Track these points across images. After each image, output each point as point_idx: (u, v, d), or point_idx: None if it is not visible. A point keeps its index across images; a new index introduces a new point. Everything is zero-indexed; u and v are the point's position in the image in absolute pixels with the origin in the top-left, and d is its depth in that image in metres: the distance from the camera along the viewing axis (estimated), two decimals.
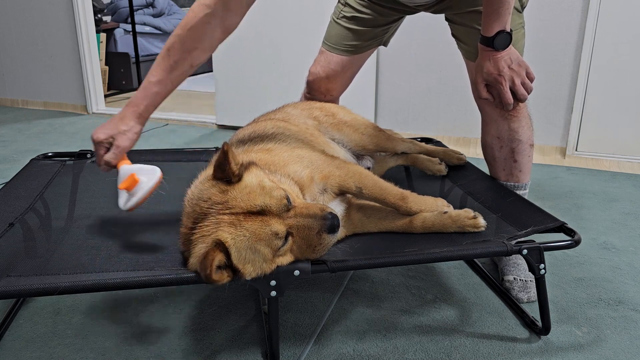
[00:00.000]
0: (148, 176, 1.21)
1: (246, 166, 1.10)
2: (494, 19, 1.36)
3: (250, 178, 1.07)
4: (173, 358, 1.26)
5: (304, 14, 3.22)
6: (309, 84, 1.85)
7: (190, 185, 1.20)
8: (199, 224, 1.04)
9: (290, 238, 1.05)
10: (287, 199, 1.05)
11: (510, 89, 1.45)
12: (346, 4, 1.74)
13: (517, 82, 1.44)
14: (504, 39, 1.38)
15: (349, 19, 1.73)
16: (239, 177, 1.07)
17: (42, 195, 1.54)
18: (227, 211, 1.02)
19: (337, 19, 1.76)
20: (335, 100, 1.89)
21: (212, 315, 1.43)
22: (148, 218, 1.41)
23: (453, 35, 1.65)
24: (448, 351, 1.27)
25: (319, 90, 1.83)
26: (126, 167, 1.25)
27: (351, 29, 1.73)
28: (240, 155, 1.24)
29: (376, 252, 1.19)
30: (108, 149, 1.27)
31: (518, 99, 1.46)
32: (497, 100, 1.49)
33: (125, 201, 1.22)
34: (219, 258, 0.98)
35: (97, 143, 1.26)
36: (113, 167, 1.27)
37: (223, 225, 1.01)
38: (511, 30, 1.39)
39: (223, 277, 1.00)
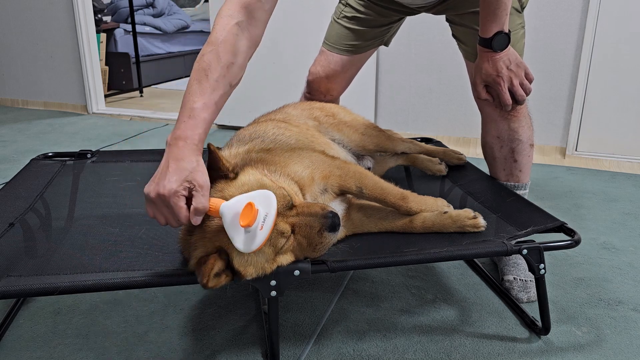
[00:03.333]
0: (264, 203, 0.98)
1: (242, 167, 1.10)
2: (491, 20, 1.36)
3: (247, 176, 1.07)
4: (173, 358, 1.26)
5: (304, 14, 3.22)
6: (309, 83, 1.85)
7: None
8: (199, 226, 1.04)
9: (291, 237, 1.05)
10: (289, 197, 1.05)
11: (509, 90, 1.45)
12: (347, 4, 1.74)
13: (516, 83, 1.44)
14: (502, 40, 1.38)
15: (349, 19, 1.73)
16: (235, 173, 1.07)
17: (42, 195, 1.54)
18: None
19: (338, 18, 1.76)
20: (335, 100, 1.89)
21: (212, 315, 1.43)
22: (148, 218, 1.41)
23: (453, 35, 1.65)
24: (448, 351, 1.27)
25: (319, 90, 1.83)
26: (231, 202, 0.98)
27: (352, 29, 1.73)
28: (240, 156, 1.24)
29: (376, 252, 1.19)
30: (186, 198, 1.01)
31: (516, 100, 1.47)
32: (497, 101, 1.49)
33: (246, 241, 0.97)
34: (218, 266, 0.98)
35: (172, 195, 0.98)
36: (204, 212, 1.01)
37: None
38: (509, 31, 1.39)
39: (220, 282, 1.00)
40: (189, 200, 1.00)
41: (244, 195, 0.99)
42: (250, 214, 0.95)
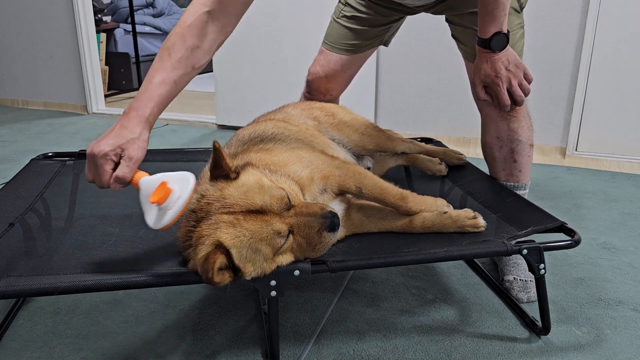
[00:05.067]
0: (180, 184, 1.01)
1: (243, 166, 1.10)
2: (490, 20, 1.36)
3: (248, 177, 1.07)
4: (173, 358, 1.26)
5: (304, 14, 3.22)
6: (309, 83, 1.85)
7: None
8: (198, 225, 1.04)
9: (290, 237, 1.05)
10: (288, 198, 1.05)
11: (508, 91, 1.45)
12: (346, 4, 1.74)
13: (514, 83, 1.44)
14: (500, 41, 1.38)
15: (349, 18, 1.73)
16: (236, 173, 1.07)
17: (42, 195, 1.54)
18: (226, 210, 1.02)
19: (338, 18, 1.77)
20: (335, 100, 1.89)
21: (212, 315, 1.43)
22: None
23: (453, 36, 1.65)
24: (448, 351, 1.27)
25: (319, 90, 1.83)
26: (150, 178, 1.04)
27: (351, 28, 1.73)
28: (240, 156, 1.24)
29: (376, 252, 1.19)
30: (115, 164, 1.06)
31: (515, 100, 1.46)
32: (496, 101, 1.49)
33: (156, 218, 1.01)
34: (220, 260, 0.98)
35: (101, 157, 1.03)
36: (128, 184, 1.07)
37: (222, 225, 1.00)
38: (508, 31, 1.39)
39: (225, 279, 1.00)
40: (117, 166, 1.05)
41: (163, 174, 1.03)
42: (161, 192, 0.98)
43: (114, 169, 1.06)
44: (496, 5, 1.33)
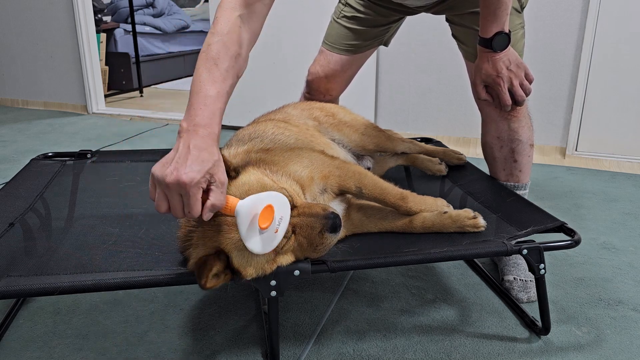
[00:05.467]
0: (277, 204, 0.97)
1: (243, 166, 1.10)
2: (492, 20, 1.36)
3: (248, 176, 1.07)
4: (173, 358, 1.26)
5: (304, 14, 3.22)
6: (309, 83, 1.85)
7: None
8: (199, 225, 1.04)
9: (292, 237, 1.05)
10: (290, 198, 1.05)
11: (509, 90, 1.45)
12: (347, 4, 1.74)
13: (516, 83, 1.44)
14: (502, 40, 1.38)
15: (349, 19, 1.73)
16: (236, 172, 1.07)
17: (42, 195, 1.54)
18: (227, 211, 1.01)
19: (338, 18, 1.77)
20: (334, 100, 1.89)
21: (212, 315, 1.43)
22: (148, 218, 1.41)
23: (453, 35, 1.65)
24: (448, 351, 1.27)
25: (319, 90, 1.83)
26: (248, 202, 0.96)
27: (351, 29, 1.73)
28: (240, 156, 1.24)
29: (376, 252, 1.19)
30: (204, 191, 0.95)
31: (516, 100, 1.46)
32: (496, 101, 1.49)
33: (263, 243, 0.97)
34: (217, 267, 0.98)
35: (194, 185, 0.92)
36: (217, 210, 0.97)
37: (224, 227, 1.00)
38: (510, 31, 1.39)
39: (219, 282, 1.00)
40: (204, 193, 0.95)
41: (260, 195, 0.97)
42: (270, 216, 0.93)
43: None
44: (499, 5, 1.33)
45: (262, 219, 0.93)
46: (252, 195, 0.98)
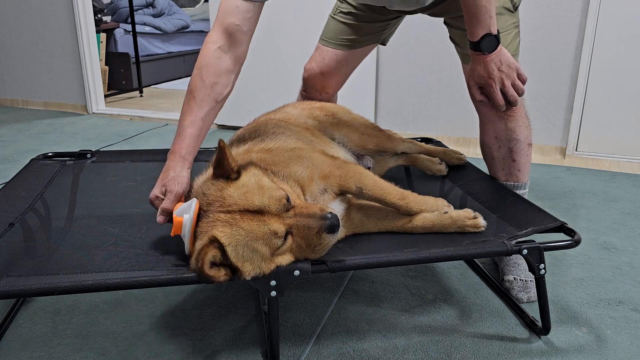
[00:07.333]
0: (187, 211, 1.13)
1: (244, 166, 1.10)
2: (475, 23, 1.36)
3: (248, 177, 1.08)
4: (173, 358, 1.26)
5: (304, 14, 3.22)
6: (304, 81, 1.85)
7: (190, 185, 1.21)
8: (199, 223, 1.05)
9: (290, 238, 1.05)
10: (287, 199, 1.05)
11: (501, 91, 1.45)
12: (344, 0, 1.74)
13: (507, 84, 1.44)
14: (490, 42, 1.38)
15: (345, 14, 1.73)
16: (238, 174, 1.07)
17: (42, 195, 1.54)
18: (224, 209, 1.03)
19: (334, 14, 1.77)
20: (331, 99, 1.88)
21: (212, 315, 1.43)
22: (148, 218, 1.41)
23: (450, 38, 1.66)
24: (448, 351, 1.27)
25: (315, 87, 1.83)
26: (175, 213, 1.16)
27: (347, 24, 1.73)
28: (240, 156, 1.24)
29: (376, 252, 1.19)
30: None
31: (508, 100, 1.47)
32: (491, 102, 1.49)
33: (185, 243, 1.15)
34: (212, 253, 1.00)
35: (154, 199, 1.24)
36: (170, 214, 1.19)
37: (218, 223, 1.02)
38: (498, 31, 1.39)
39: (219, 274, 1.01)
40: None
41: (181, 206, 1.15)
42: (175, 226, 1.11)
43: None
44: (478, 9, 1.34)
45: (173, 230, 1.12)
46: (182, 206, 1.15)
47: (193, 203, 1.09)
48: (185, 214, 1.10)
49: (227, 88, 1.33)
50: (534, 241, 1.21)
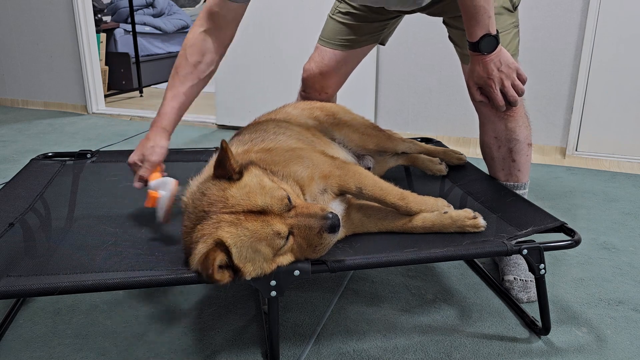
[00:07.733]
0: (164, 188, 1.30)
1: (246, 166, 1.10)
2: (474, 24, 1.36)
3: (250, 177, 1.07)
4: (173, 358, 1.26)
5: (304, 14, 3.22)
6: (304, 81, 1.85)
7: (190, 186, 1.20)
8: (200, 224, 1.04)
9: (291, 238, 1.05)
10: (288, 199, 1.05)
11: (501, 91, 1.45)
12: (342, 0, 1.74)
13: (507, 84, 1.44)
14: (489, 43, 1.38)
15: (343, 14, 1.73)
16: (240, 175, 1.07)
17: (42, 195, 1.54)
18: (227, 210, 1.02)
19: (333, 15, 1.77)
20: (330, 99, 1.88)
21: (212, 315, 1.43)
22: (148, 218, 1.41)
23: (450, 38, 1.66)
24: (448, 351, 1.27)
25: (314, 87, 1.83)
26: (151, 184, 1.32)
27: (346, 24, 1.73)
28: (240, 156, 1.24)
29: (376, 252, 1.19)
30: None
31: (508, 101, 1.46)
32: (491, 102, 1.49)
33: (157, 216, 1.31)
34: (220, 257, 0.98)
35: (130, 165, 1.37)
36: (146, 181, 1.34)
37: (223, 224, 1.01)
38: (498, 32, 1.38)
39: (225, 277, 1.00)
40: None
41: (156, 181, 1.31)
42: (150, 199, 1.29)
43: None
44: (476, 10, 1.33)
45: (146, 202, 1.30)
46: (153, 181, 1.32)
47: (170, 181, 1.27)
48: (161, 189, 1.26)
49: (210, 67, 1.44)
50: (534, 241, 1.21)
